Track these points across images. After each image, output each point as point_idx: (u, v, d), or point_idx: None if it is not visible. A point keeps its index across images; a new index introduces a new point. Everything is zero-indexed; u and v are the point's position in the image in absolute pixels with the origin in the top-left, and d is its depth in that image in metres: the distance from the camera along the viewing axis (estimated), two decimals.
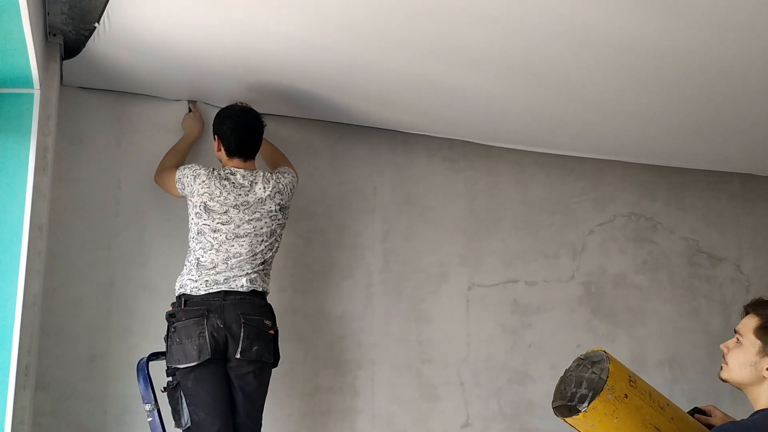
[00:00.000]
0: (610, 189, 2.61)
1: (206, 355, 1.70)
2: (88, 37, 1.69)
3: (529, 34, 1.51)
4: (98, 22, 1.61)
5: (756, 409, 1.22)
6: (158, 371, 1.79)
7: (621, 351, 2.51)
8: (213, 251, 1.79)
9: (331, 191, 2.27)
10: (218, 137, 1.88)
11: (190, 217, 1.82)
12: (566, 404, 1.25)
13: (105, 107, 2.02)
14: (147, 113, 2.03)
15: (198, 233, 1.81)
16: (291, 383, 2.13)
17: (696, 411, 1.37)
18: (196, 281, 1.78)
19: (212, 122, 1.91)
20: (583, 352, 1.33)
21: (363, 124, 2.26)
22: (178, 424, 1.73)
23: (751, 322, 1.24)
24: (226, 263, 1.79)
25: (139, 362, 1.81)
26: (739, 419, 1.36)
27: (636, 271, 2.60)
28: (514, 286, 2.44)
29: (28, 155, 1.66)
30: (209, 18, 1.55)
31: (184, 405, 1.71)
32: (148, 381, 1.78)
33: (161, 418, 1.76)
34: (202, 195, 1.80)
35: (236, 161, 1.86)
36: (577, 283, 2.52)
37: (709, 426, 1.35)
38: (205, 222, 1.80)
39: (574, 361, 1.32)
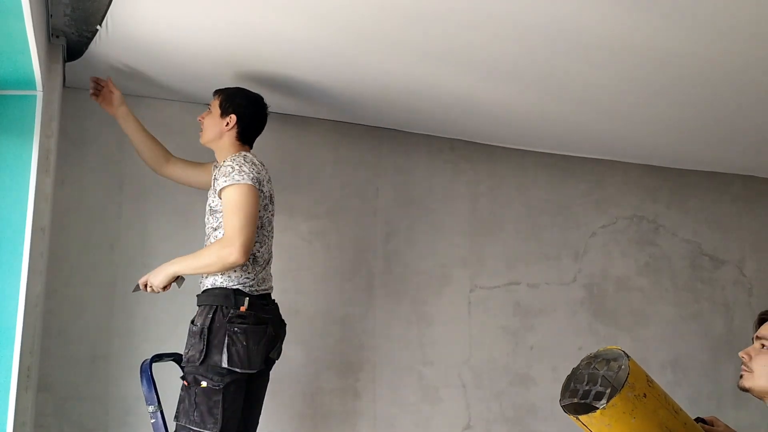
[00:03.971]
0: (612, 191, 2.60)
1: (262, 365, 1.65)
2: (90, 40, 1.69)
3: (529, 37, 1.51)
4: (100, 25, 1.61)
5: None
6: (160, 372, 1.79)
7: None
8: (266, 246, 1.69)
9: (333, 193, 2.26)
10: (238, 118, 1.72)
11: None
12: (578, 402, 1.20)
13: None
14: (149, 115, 2.03)
15: (260, 227, 1.67)
16: (293, 385, 2.13)
17: (699, 420, 1.33)
18: (253, 279, 1.67)
19: (229, 98, 1.74)
20: (594, 351, 1.28)
21: (364, 123, 2.26)
22: (201, 426, 1.60)
23: None
24: (269, 262, 1.72)
25: (142, 363, 1.80)
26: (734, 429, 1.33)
27: (638, 274, 2.59)
28: (516, 288, 2.44)
29: (30, 157, 1.66)
30: (210, 20, 1.55)
31: (220, 409, 1.59)
32: (151, 382, 1.76)
33: (164, 420, 1.74)
34: (270, 182, 1.70)
35: (246, 148, 1.75)
36: (579, 286, 2.52)
37: None
38: (271, 212, 1.70)
39: (583, 359, 1.27)
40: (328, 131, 2.28)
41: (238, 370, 1.62)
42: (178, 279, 1.69)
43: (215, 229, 1.70)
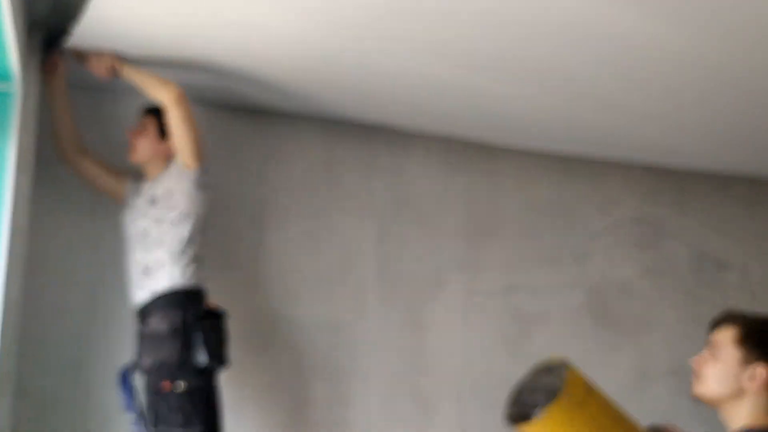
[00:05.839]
0: (613, 193, 2.55)
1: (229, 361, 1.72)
2: (70, 33, 1.63)
3: (529, 32, 1.48)
4: (81, 18, 1.55)
5: (734, 427, 1.15)
6: (140, 379, 1.74)
7: (625, 361, 2.45)
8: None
9: (326, 194, 2.21)
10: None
11: (203, 207, 1.75)
12: (520, 412, 1.21)
13: (87, 105, 1.95)
14: (131, 111, 1.96)
15: (204, 227, 1.77)
16: (283, 394, 2.08)
17: (654, 429, 1.31)
18: (203, 279, 1.74)
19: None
20: (540, 361, 1.29)
21: (360, 121, 2.21)
22: (186, 427, 1.61)
23: (727, 332, 1.19)
24: None
25: (120, 370, 1.77)
26: None
27: (640, 278, 2.54)
28: (514, 293, 2.38)
29: (7, 154, 1.61)
30: (197, 16, 1.51)
31: (205, 407, 1.63)
32: (130, 389, 1.73)
33: (146, 427, 1.70)
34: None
35: None
36: (580, 291, 2.46)
37: None
38: (206, 217, 1.78)
39: (529, 370, 1.28)
40: (321, 130, 2.22)
41: (214, 365, 1.65)
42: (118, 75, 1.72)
43: (159, 244, 1.71)
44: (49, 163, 1.88)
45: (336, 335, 2.16)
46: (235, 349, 1.79)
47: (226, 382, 1.81)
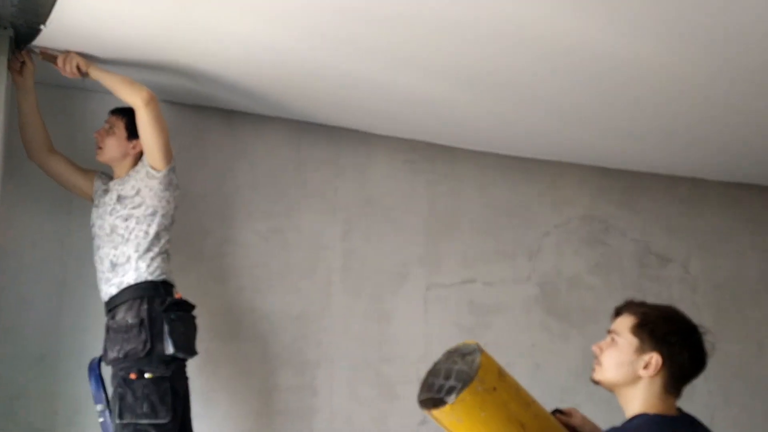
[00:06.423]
0: (566, 192, 2.67)
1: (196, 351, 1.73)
2: (39, 30, 1.64)
3: (491, 43, 1.54)
4: (44, 24, 1.57)
5: (630, 413, 1.18)
6: (109, 371, 1.75)
7: (574, 349, 2.58)
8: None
9: (292, 191, 2.27)
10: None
11: (171, 205, 1.78)
12: (434, 397, 1.17)
13: (57, 103, 1.96)
14: (99, 109, 1.97)
15: (171, 223, 1.79)
16: (249, 382, 2.13)
17: (557, 411, 1.34)
18: (170, 272, 1.76)
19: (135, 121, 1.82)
20: (453, 345, 1.25)
21: (325, 123, 2.27)
22: (152, 417, 1.62)
23: (626, 320, 1.21)
24: None
25: (91, 362, 1.79)
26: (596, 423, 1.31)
27: (589, 272, 2.66)
28: (471, 286, 2.48)
29: None
30: (166, 18, 1.53)
31: (171, 397, 1.63)
32: (99, 381, 1.75)
33: (111, 417, 1.73)
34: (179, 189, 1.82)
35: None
36: (533, 284, 2.57)
37: (569, 426, 1.31)
38: (173, 214, 1.80)
39: (443, 354, 1.24)
40: (289, 130, 2.27)
41: (181, 355, 1.67)
42: (86, 76, 1.74)
43: (126, 240, 1.73)
44: (18, 158, 1.89)
45: (303, 326, 2.22)
46: (204, 339, 1.84)
47: (195, 371, 1.86)
